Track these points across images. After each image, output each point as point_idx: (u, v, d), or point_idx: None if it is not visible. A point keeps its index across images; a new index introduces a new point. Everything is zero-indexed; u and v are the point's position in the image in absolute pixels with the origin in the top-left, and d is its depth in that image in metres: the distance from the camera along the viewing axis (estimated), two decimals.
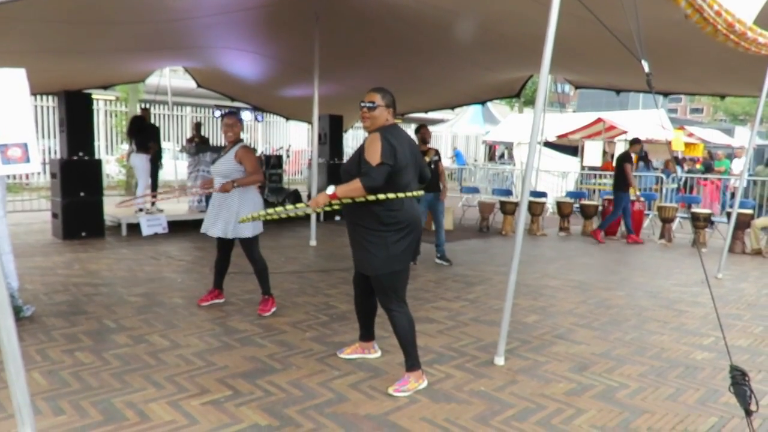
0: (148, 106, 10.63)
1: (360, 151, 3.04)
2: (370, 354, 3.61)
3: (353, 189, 2.93)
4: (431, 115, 15.55)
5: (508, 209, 9.56)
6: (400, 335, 3.15)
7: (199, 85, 10.65)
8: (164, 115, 16.34)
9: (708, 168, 15.47)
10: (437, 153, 6.58)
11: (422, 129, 6.49)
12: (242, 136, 4.52)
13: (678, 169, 12.64)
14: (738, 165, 15.10)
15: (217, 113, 10.63)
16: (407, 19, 6.00)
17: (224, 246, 4.58)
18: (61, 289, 5.10)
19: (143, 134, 8.76)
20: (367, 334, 3.60)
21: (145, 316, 4.38)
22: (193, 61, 9.09)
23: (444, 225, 6.81)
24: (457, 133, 23.87)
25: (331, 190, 2.97)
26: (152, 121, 10.08)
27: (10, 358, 1.88)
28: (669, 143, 13.65)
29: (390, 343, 3.89)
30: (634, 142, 8.96)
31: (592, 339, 4.16)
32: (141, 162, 8.73)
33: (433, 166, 6.24)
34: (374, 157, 2.92)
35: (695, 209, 9.02)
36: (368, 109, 3.07)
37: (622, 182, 8.59)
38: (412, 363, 3.17)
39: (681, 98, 54.37)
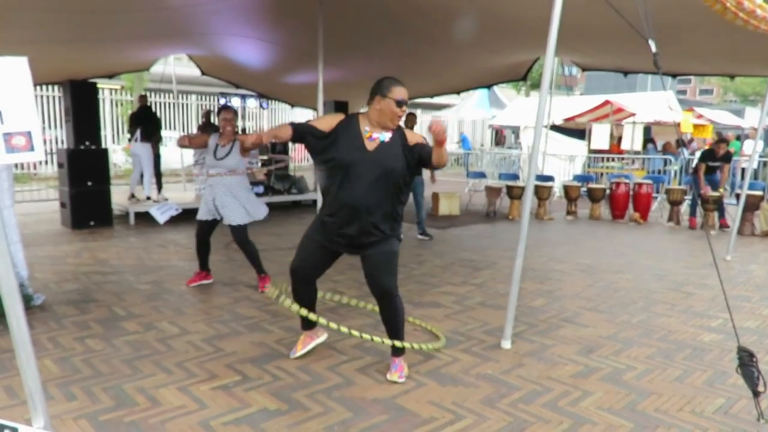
0: (145, 93, 10.61)
1: (400, 145, 3.02)
2: (320, 338, 3.47)
3: (444, 153, 2.91)
4: (437, 99, 15.46)
5: (515, 194, 9.52)
6: (399, 320, 3.12)
7: (203, 73, 10.60)
8: (169, 104, 16.34)
9: None
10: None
11: (410, 116, 7.00)
12: (247, 124, 4.60)
13: (684, 151, 12.51)
14: (750, 146, 14.92)
15: (222, 101, 10.62)
16: (411, 1, 5.94)
17: (207, 232, 4.79)
18: (71, 277, 5.14)
19: (149, 124, 8.76)
20: (309, 323, 3.39)
21: (154, 303, 4.42)
22: (197, 49, 9.06)
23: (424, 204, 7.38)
24: (464, 117, 23.73)
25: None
26: (154, 109, 10.09)
27: (21, 345, 1.90)
28: (677, 125, 13.51)
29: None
30: (720, 141, 8.64)
31: (599, 322, 4.16)
32: (146, 151, 8.76)
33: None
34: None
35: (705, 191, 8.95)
36: (407, 107, 3.06)
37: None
38: (403, 347, 3.18)
39: (690, 79, 53.73)
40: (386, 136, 3.03)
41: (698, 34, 5.36)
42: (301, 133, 2.99)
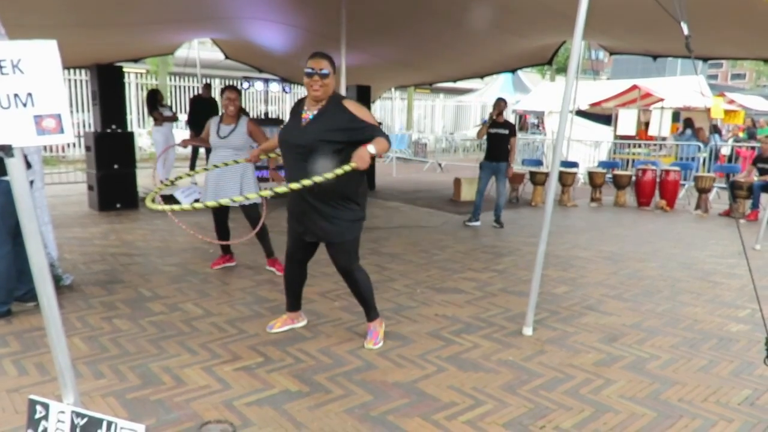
0: (209, 81, 10.63)
1: (334, 117, 2.94)
2: (298, 323, 3.62)
3: (383, 146, 2.89)
4: (460, 84, 15.25)
5: (538, 180, 9.42)
6: (363, 291, 3.31)
7: (227, 57, 10.66)
8: (193, 87, 16.45)
9: (751, 136, 14.91)
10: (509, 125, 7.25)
11: (500, 102, 7.16)
12: (269, 107, 4.60)
13: (715, 137, 12.20)
14: None
15: (246, 84, 10.65)
16: None
17: (221, 216, 4.82)
18: (98, 258, 5.25)
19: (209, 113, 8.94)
20: (296, 305, 3.61)
21: (179, 285, 4.49)
22: (220, 33, 9.10)
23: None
24: (487, 102, 23.44)
25: (372, 149, 2.80)
26: (177, 93, 10.17)
27: (52, 323, 1.94)
28: (708, 110, 13.15)
29: (418, 312, 3.92)
30: None
31: (623, 310, 4.11)
32: (159, 135, 8.95)
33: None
34: (373, 119, 3.03)
35: (737, 177, 8.72)
36: (320, 77, 2.93)
37: None
38: (375, 313, 3.41)
39: (722, 64, 52.19)
40: (315, 111, 3.01)
41: (731, 17, 5.20)
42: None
